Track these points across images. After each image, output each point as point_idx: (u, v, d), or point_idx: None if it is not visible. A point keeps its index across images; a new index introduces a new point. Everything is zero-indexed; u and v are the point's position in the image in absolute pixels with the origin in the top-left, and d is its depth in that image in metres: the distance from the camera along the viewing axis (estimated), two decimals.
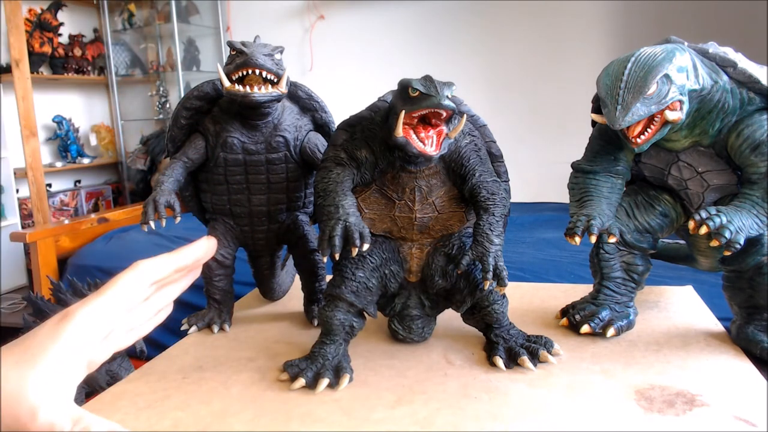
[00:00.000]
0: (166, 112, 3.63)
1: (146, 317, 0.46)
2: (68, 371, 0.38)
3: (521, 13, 2.93)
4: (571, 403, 0.63)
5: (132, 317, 0.44)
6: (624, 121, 0.65)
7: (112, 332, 0.42)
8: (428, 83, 0.65)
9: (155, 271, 0.43)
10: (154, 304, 0.46)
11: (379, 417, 0.62)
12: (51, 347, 0.37)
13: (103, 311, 0.40)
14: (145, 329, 0.47)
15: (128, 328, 0.45)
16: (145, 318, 0.46)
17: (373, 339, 0.83)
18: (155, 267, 0.43)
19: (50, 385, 0.37)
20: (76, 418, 0.37)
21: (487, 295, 0.72)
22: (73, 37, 3.53)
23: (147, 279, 0.43)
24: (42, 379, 0.37)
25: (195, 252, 0.46)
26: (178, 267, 0.45)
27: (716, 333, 0.81)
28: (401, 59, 3.15)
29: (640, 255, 0.84)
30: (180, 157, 0.84)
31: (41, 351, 0.37)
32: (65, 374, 0.38)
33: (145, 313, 0.45)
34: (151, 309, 0.46)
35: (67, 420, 0.37)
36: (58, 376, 0.37)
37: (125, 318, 0.43)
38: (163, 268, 0.44)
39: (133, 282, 0.42)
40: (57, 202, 3.41)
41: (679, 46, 0.70)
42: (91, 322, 0.39)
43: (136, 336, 0.46)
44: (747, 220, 0.67)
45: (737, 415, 0.59)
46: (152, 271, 0.43)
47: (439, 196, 0.73)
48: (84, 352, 0.39)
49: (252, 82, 0.78)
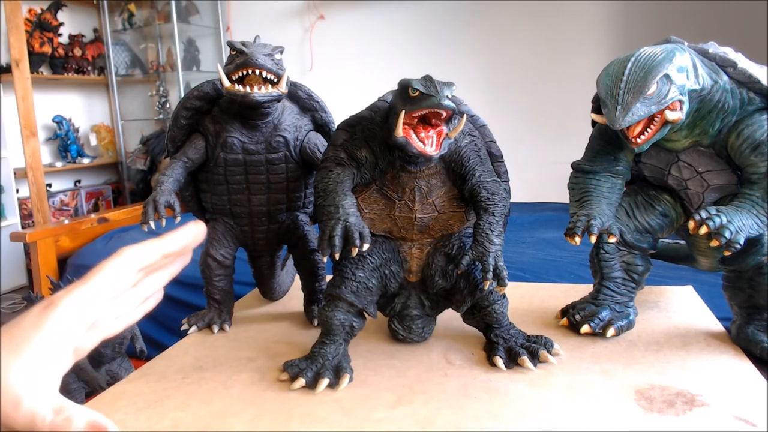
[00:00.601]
0: (166, 112, 3.63)
1: (134, 304, 0.45)
2: (52, 360, 0.38)
3: (521, 13, 2.93)
4: (571, 403, 0.63)
5: (119, 304, 0.44)
6: (624, 121, 0.65)
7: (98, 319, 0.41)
8: (428, 83, 0.65)
9: (141, 257, 0.42)
10: (143, 291, 0.45)
11: (379, 417, 0.62)
12: (34, 336, 0.37)
13: (88, 299, 0.39)
14: (133, 316, 0.46)
15: (115, 315, 0.44)
16: (134, 305, 0.45)
17: (373, 339, 0.83)
18: (141, 253, 0.42)
19: (33, 374, 0.36)
20: (58, 408, 0.37)
21: (487, 295, 0.72)
22: (73, 37, 3.53)
23: (133, 265, 0.42)
24: (25, 368, 0.36)
25: (182, 237, 0.45)
26: (165, 253, 0.44)
27: (716, 333, 0.81)
28: (401, 59, 3.15)
29: (640, 255, 0.84)
30: (180, 157, 0.84)
31: (24, 340, 0.37)
32: (49, 363, 0.37)
33: (132, 299, 0.45)
34: (139, 296, 0.45)
35: (48, 409, 0.36)
36: (42, 365, 0.37)
37: (112, 305, 0.43)
38: (150, 254, 0.43)
39: (118, 269, 0.41)
40: (57, 202, 3.42)
41: (679, 46, 0.70)
42: (75, 310, 0.39)
43: (125, 323, 0.45)
44: (747, 220, 0.67)
45: (737, 415, 0.59)
46: (138, 257, 0.42)
47: (439, 196, 0.73)
48: (69, 341, 0.39)
49: (252, 82, 0.78)
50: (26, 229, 2.55)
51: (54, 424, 0.36)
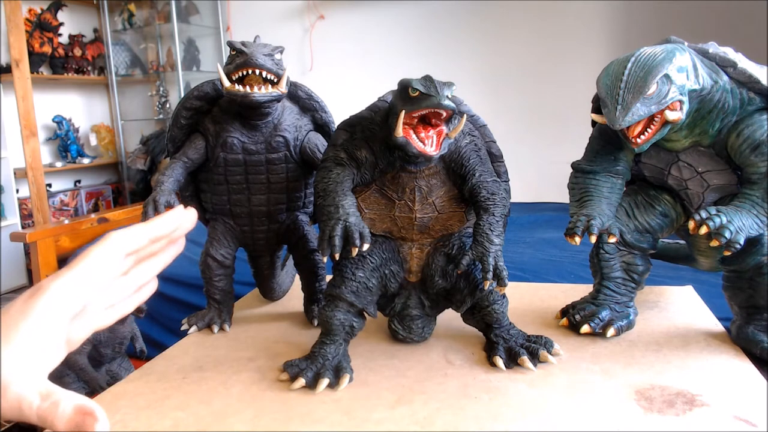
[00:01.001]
0: (166, 112, 3.63)
1: (126, 293, 0.45)
2: (40, 346, 0.37)
3: (521, 13, 2.93)
4: (571, 403, 0.63)
5: (110, 293, 0.43)
6: (624, 121, 0.65)
7: (88, 306, 0.41)
8: (428, 83, 0.65)
9: (128, 241, 0.42)
10: (134, 279, 0.45)
11: (379, 417, 0.62)
12: (22, 322, 0.37)
13: (75, 284, 0.39)
14: (127, 306, 0.45)
15: (107, 304, 0.43)
16: (126, 294, 0.45)
17: (373, 339, 0.83)
18: (127, 237, 0.42)
19: (21, 360, 0.36)
20: (45, 393, 0.36)
21: (487, 295, 0.72)
22: (73, 37, 3.53)
23: (120, 249, 0.41)
24: (12, 354, 0.36)
25: (169, 220, 0.44)
26: (153, 236, 0.43)
27: (716, 333, 0.81)
28: (401, 59, 3.15)
29: (640, 255, 0.84)
30: (180, 157, 0.84)
31: (12, 326, 0.37)
32: (37, 349, 0.37)
33: (124, 288, 0.44)
34: (131, 284, 0.45)
35: (35, 395, 0.36)
36: (30, 351, 0.37)
37: (103, 294, 0.42)
38: (137, 238, 0.42)
39: (104, 253, 0.40)
40: (57, 202, 3.42)
41: (679, 46, 0.70)
42: (63, 296, 0.38)
43: (118, 314, 0.45)
44: (747, 220, 0.67)
45: (737, 415, 0.59)
46: (124, 241, 0.41)
47: (439, 196, 0.73)
48: (57, 327, 0.38)
49: (252, 82, 0.78)
50: (26, 229, 2.55)
51: (41, 409, 0.36)
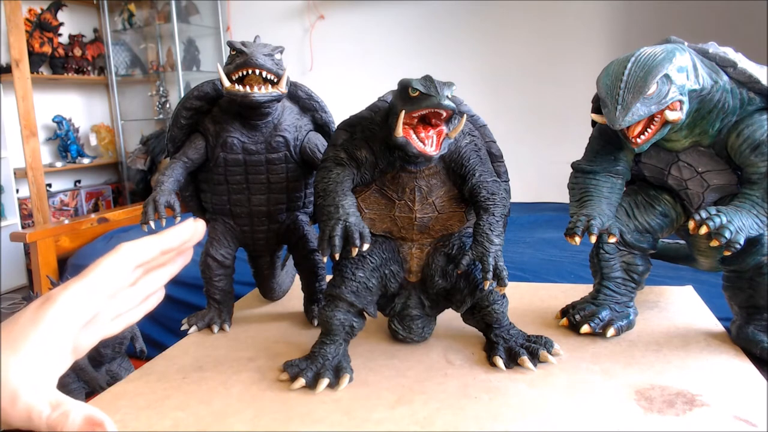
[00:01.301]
0: (166, 112, 3.63)
1: (134, 303, 0.45)
2: (50, 356, 0.38)
3: (521, 13, 2.93)
4: (571, 403, 0.63)
5: (118, 303, 0.43)
6: (624, 121, 0.65)
7: (96, 316, 0.41)
8: (428, 83, 0.65)
9: (139, 253, 0.42)
10: (142, 290, 0.45)
11: (379, 417, 0.62)
12: (32, 332, 0.37)
13: (85, 294, 0.39)
14: (133, 316, 0.45)
15: (115, 314, 0.44)
16: (133, 304, 0.45)
17: (373, 339, 0.83)
18: (139, 249, 0.42)
19: (31, 370, 0.36)
20: (55, 403, 0.37)
21: (487, 295, 0.72)
22: (73, 37, 3.54)
23: (131, 261, 0.42)
24: (22, 364, 0.36)
25: (180, 234, 0.44)
26: (164, 249, 0.43)
27: (716, 333, 0.81)
28: (401, 59, 3.15)
29: (640, 255, 0.84)
30: (180, 157, 0.84)
31: (22, 336, 0.37)
32: (46, 359, 0.37)
33: (132, 298, 0.44)
34: (139, 294, 0.45)
35: (45, 405, 0.36)
36: (39, 361, 0.37)
37: (111, 303, 0.42)
38: (148, 250, 0.43)
39: (116, 264, 0.41)
40: (57, 202, 3.42)
41: (679, 46, 0.70)
42: (73, 306, 0.39)
43: (125, 323, 0.45)
44: (747, 220, 0.67)
45: (737, 415, 0.59)
46: (136, 253, 0.42)
47: (439, 196, 0.73)
48: (67, 336, 0.38)
49: (252, 82, 0.78)
50: (26, 229, 2.55)
51: (51, 419, 0.36)
